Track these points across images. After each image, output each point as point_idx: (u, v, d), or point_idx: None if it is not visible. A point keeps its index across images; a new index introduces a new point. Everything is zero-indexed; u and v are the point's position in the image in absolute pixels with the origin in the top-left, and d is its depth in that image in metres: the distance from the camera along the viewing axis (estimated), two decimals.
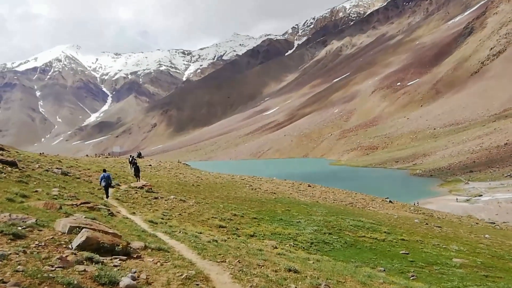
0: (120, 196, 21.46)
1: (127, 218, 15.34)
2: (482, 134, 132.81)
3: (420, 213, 36.86)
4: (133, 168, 30.77)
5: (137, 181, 28.23)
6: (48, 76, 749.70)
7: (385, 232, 22.99)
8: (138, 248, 8.39)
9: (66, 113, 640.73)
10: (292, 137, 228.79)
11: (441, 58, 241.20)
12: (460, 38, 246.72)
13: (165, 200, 22.50)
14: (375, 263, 16.89)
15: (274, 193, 35.05)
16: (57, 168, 25.41)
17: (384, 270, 15.72)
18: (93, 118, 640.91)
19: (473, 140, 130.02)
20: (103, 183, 20.82)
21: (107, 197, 20.54)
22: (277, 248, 13.93)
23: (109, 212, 14.86)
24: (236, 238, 16.00)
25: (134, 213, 17.30)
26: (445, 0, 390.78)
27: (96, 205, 15.08)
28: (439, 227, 28.90)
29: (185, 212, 20.46)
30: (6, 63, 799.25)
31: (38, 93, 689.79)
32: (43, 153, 38.58)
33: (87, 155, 64.79)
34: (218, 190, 31.84)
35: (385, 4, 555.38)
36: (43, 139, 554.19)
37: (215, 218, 20.28)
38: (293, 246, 17.63)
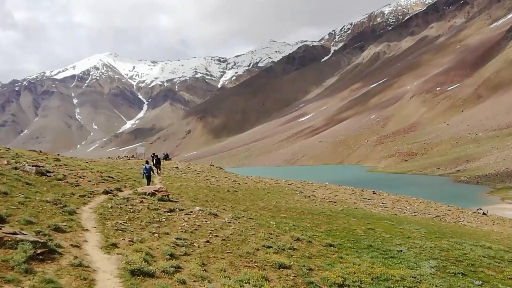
0: (111, 207, 13.20)
1: (79, 265, 7.00)
2: None
3: None
4: (154, 160, 30.13)
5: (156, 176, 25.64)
6: (86, 84, 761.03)
7: None
8: None
9: (102, 120, 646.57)
10: (327, 143, 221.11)
11: (482, 62, 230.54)
12: (503, 41, 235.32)
13: (186, 215, 14.13)
14: None
15: (335, 202, 26.34)
16: (34, 166, 17.55)
17: None
18: (128, 125, 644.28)
19: None
20: (146, 174, 21.37)
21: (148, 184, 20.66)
22: None
23: (40, 250, 6.60)
24: None
25: (114, 244, 9.00)
26: (487, 4, 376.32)
27: (16, 233, 6.84)
28: None
29: (216, 236, 12.04)
30: (45, 72, 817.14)
31: (75, 101, 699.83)
32: (41, 151, 31.23)
33: (109, 157, 57.88)
34: (263, 198, 23.35)
35: (424, 8, 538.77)
36: (79, 146, 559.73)
37: (269, 247, 11.76)
38: None
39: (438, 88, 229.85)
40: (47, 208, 11.08)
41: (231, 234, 12.56)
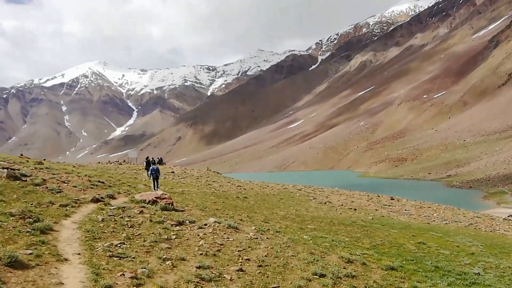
0: (102, 221, 9.84)
1: None
2: None
3: None
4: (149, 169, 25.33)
5: (152, 187, 20.28)
6: (75, 92, 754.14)
7: None
8: None
9: (92, 127, 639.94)
10: (317, 149, 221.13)
11: (467, 70, 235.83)
12: (486, 50, 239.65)
13: (200, 229, 10.81)
14: None
15: (355, 209, 23.29)
16: (5, 168, 14.17)
17: None
18: (118, 132, 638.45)
19: (508, 151, 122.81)
20: (153, 175, 20.35)
21: (156, 187, 19.83)
22: None
23: None
24: None
25: None
26: (469, 15, 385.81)
27: None
28: None
29: (248, 260, 8.78)
30: (33, 79, 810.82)
31: (64, 108, 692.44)
32: (22, 154, 27.80)
33: (99, 162, 54.46)
34: (278, 205, 20.13)
35: (408, 19, 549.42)
36: (68, 153, 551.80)
37: (322, 275, 8.51)
38: None
39: (425, 96, 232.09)
40: (8, 225, 7.68)
41: (265, 256, 9.30)
